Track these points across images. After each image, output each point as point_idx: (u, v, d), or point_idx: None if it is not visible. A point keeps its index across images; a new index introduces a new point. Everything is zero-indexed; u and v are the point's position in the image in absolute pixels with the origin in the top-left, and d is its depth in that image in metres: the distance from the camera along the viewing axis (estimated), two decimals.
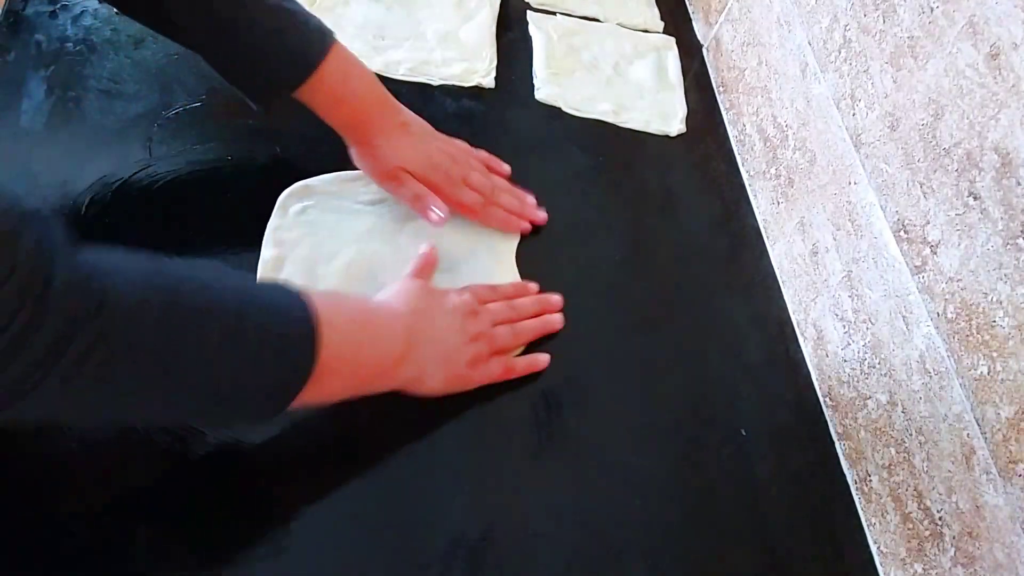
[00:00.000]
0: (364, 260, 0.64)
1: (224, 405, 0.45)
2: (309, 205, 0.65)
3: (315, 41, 0.60)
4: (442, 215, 0.65)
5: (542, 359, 0.62)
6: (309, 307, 0.46)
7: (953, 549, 0.54)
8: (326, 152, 0.67)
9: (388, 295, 0.58)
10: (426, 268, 0.63)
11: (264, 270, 0.60)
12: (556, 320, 0.65)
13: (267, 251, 0.62)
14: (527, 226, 0.71)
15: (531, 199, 0.73)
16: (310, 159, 0.68)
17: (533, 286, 0.67)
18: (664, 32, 0.96)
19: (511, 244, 0.70)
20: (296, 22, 0.59)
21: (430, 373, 0.56)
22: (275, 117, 0.70)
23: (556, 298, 0.66)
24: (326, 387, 0.48)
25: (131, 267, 0.41)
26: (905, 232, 0.59)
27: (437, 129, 0.73)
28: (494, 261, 0.68)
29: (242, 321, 0.43)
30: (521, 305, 0.64)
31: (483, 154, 0.73)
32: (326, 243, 0.64)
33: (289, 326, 0.46)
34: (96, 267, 0.39)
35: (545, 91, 0.83)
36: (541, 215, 0.72)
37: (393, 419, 0.57)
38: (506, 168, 0.74)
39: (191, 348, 0.41)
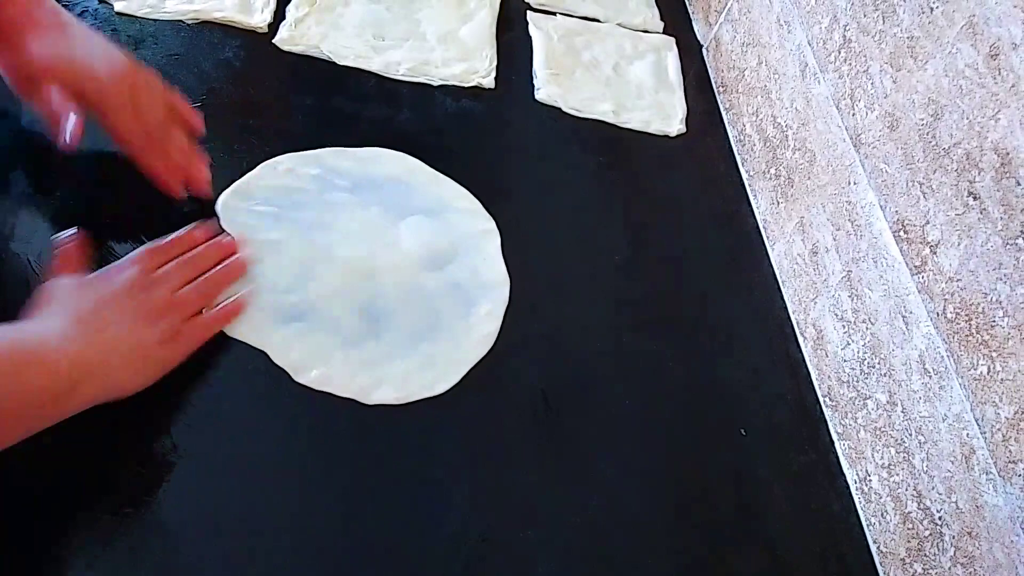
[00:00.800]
0: (361, 260, 0.64)
1: None
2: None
3: None
4: (72, 139, 0.54)
5: (236, 304, 0.57)
6: None
7: (953, 549, 0.54)
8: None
9: (38, 309, 0.49)
10: (71, 258, 0.53)
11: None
12: (239, 262, 0.59)
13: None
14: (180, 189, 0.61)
15: (205, 167, 0.63)
16: None
17: (200, 232, 0.59)
18: (664, 32, 0.96)
19: (494, 242, 0.69)
20: None
21: (121, 378, 0.50)
22: (277, 120, 0.71)
23: (228, 239, 0.60)
24: None
25: None
26: (905, 232, 0.59)
27: (437, 130, 0.73)
28: (480, 260, 0.68)
29: None
30: (198, 257, 0.57)
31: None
32: (317, 241, 0.64)
33: None
34: None
35: (545, 91, 0.83)
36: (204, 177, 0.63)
37: (392, 419, 0.57)
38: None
39: None
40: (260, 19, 0.77)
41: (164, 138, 0.60)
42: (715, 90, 0.92)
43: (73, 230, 0.54)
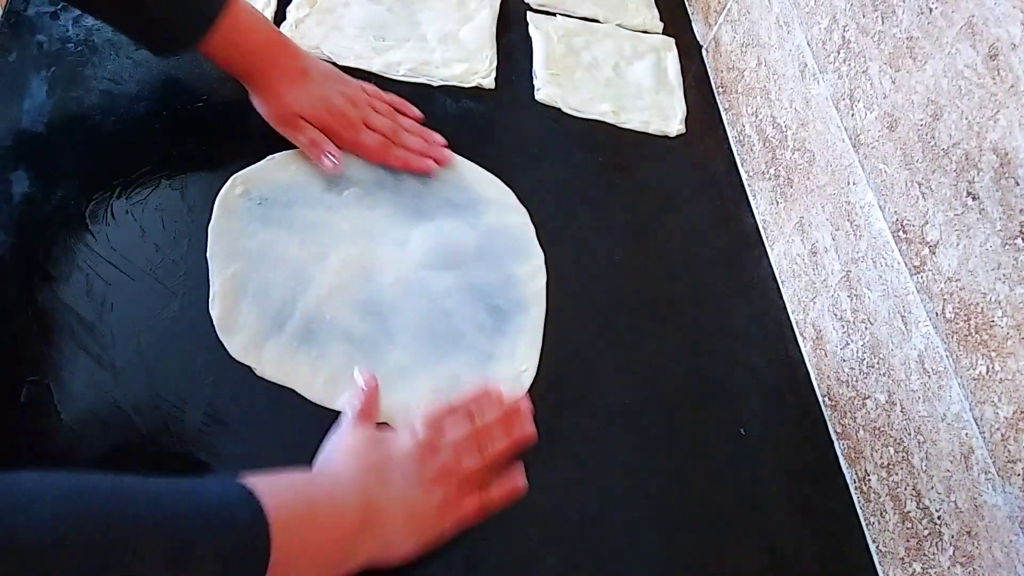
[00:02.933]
0: (357, 259, 0.64)
1: None
2: (263, 199, 0.65)
3: None
4: (335, 161, 0.66)
5: (520, 484, 0.54)
6: (256, 502, 0.42)
7: (952, 548, 0.54)
8: None
9: (332, 454, 0.51)
10: (370, 408, 0.55)
11: (223, 283, 0.59)
12: (528, 431, 0.56)
13: (231, 264, 0.60)
14: (430, 164, 0.70)
15: (438, 138, 0.72)
16: None
17: (495, 389, 0.57)
18: (663, 33, 0.96)
19: (530, 236, 0.70)
20: None
21: (398, 538, 0.49)
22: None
23: (523, 404, 0.57)
24: None
25: (48, 494, 0.36)
26: (904, 232, 0.60)
27: (437, 131, 0.74)
28: (514, 258, 0.68)
29: (184, 535, 0.39)
30: (490, 429, 0.55)
31: (392, 97, 0.73)
32: (310, 243, 0.63)
33: (238, 529, 0.41)
34: (4, 501, 0.35)
35: (545, 92, 0.83)
36: (446, 154, 0.72)
37: None
38: (416, 112, 0.73)
39: None
40: None
41: (396, 135, 0.69)
42: (714, 90, 0.92)
43: (370, 376, 0.56)
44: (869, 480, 0.63)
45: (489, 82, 0.81)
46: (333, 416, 0.55)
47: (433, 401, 0.55)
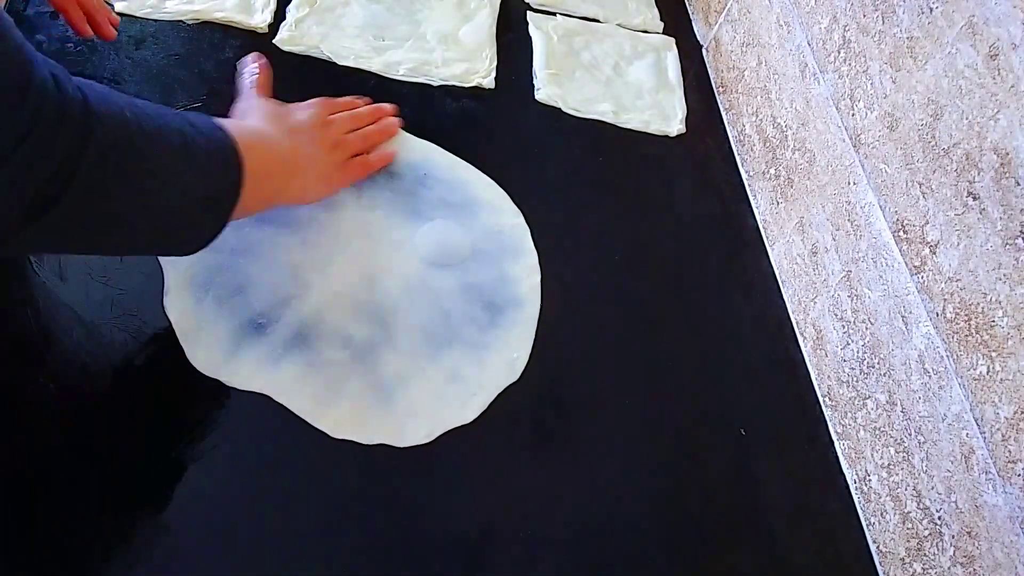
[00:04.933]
0: (359, 263, 0.63)
1: (180, 221, 0.49)
2: None
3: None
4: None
5: (388, 153, 0.70)
6: (225, 127, 0.52)
7: (952, 549, 0.54)
8: None
9: (246, 116, 0.61)
10: (266, 80, 0.66)
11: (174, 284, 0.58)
12: (393, 123, 0.71)
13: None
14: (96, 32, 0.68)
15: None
16: None
17: (364, 99, 0.72)
18: (664, 32, 0.96)
19: (524, 236, 0.70)
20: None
21: (310, 185, 0.62)
22: None
23: (388, 106, 0.72)
24: (248, 199, 0.52)
25: (109, 96, 0.45)
26: (904, 232, 0.59)
27: (438, 130, 0.74)
28: (509, 258, 0.68)
29: (187, 138, 0.48)
30: (360, 113, 0.70)
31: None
32: (317, 246, 0.63)
33: (218, 144, 0.51)
34: (88, 95, 0.43)
35: (545, 91, 0.83)
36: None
37: None
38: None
39: (162, 160, 0.46)
40: (260, 19, 0.78)
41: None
42: (715, 90, 0.92)
43: (259, 57, 0.67)
44: (869, 480, 0.63)
45: (489, 82, 0.81)
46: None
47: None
